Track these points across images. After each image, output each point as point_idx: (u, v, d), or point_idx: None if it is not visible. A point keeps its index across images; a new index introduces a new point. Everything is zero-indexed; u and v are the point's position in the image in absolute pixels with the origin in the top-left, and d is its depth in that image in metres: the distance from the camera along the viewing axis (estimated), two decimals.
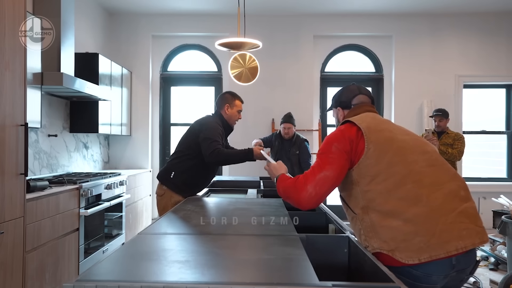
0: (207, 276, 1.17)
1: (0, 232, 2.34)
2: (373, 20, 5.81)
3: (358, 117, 1.62)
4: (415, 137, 1.62)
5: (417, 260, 1.34)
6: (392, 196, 1.42)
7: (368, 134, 1.51)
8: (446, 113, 4.59)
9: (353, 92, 1.77)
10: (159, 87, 5.98)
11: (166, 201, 2.98)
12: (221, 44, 3.88)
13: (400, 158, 1.47)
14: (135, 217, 5.10)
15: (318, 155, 1.60)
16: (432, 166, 1.49)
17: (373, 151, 1.48)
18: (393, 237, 1.38)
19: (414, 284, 1.37)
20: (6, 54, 2.41)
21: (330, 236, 1.73)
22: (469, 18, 5.76)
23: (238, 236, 1.68)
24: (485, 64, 5.81)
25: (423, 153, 1.52)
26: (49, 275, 3.03)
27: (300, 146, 4.81)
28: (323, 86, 5.99)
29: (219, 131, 2.91)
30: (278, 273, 1.21)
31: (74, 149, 4.72)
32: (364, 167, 1.48)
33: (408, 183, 1.42)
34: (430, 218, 1.38)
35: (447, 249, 1.35)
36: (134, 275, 1.18)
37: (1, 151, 2.36)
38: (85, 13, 5.07)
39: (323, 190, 1.52)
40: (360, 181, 1.49)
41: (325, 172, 1.51)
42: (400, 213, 1.39)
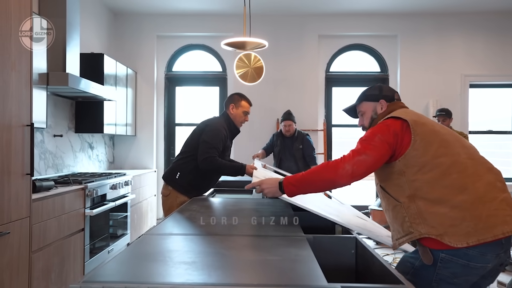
0: (213, 277, 1.16)
1: (6, 232, 2.34)
2: (378, 20, 5.78)
3: (401, 111, 1.70)
4: (453, 133, 1.70)
5: (465, 243, 1.42)
6: (438, 184, 1.50)
7: (415, 127, 1.58)
8: (449, 113, 4.56)
9: (391, 90, 1.87)
10: (164, 87, 5.99)
11: (172, 202, 2.98)
12: (227, 43, 3.87)
13: (445, 149, 1.55)
14: (140, 217, 5.10)
15: (360, 141, 1.65)
16: (472, 159, 1.58)
17: (420, 143, 1.56)
18: (441, 223, 1.46)
19: (469, 264, 1.44)
20: (12, 55, 2.41)
21: (337, 237, 1.72)
22: (474, 17, 5.72)
23: (244, 236, 1.67)
24: (492, 64, 5.77)
25: (463, 147, 1.61)
26: (54, 275, 3.04)
27: (303, 140, 4.79)
28: (328, 86, 5.97)
29: (221, 135, 2.89)
30: (286, 274, 1.20)
31: (79, 149, 4.73)
32: (411, 158, 1.55)
33: (454, 173, 1.51)
34: (475, 204, 1.46)
35: (494, 233, 1.43)
36: (141, 276, 1.17)
37: (7, 151, 2.37)
38: (90, 13, 5.08)
39: (360, 170, 1.58)
40: (406, 171, 1.56)
41: (364, 155, 1.58)
42: (446, 200, 1.47)
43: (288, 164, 4.77)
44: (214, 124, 2.94)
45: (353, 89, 6.11)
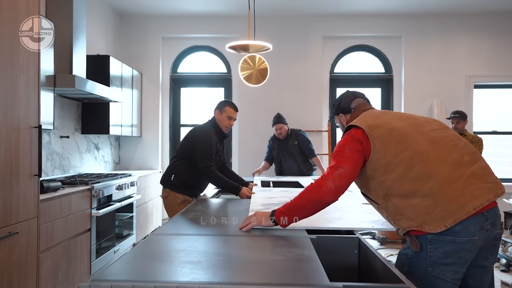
0: (219, 276, 1.19)
1: (15, 232, 2.38)
2: (383, 21, 5.79)
3: (358, 119, 1.79)
4: (412, 121, 1.74)
5: (444, 227, 1.48)
6: (405, 179, 1.57)
7: (370, 132, 1.66)
8: (463, 115, 4.50)
9: (349, 97, 1.97)
10: (169, 89, 6.03)
11: (172, 202, 3.12)
12: (231, 46, 3.91)
13: (403, 145, 1.61)
14: (146, 217, 5.14)
15: (332, 157, 1.74)
16: (432, 144, 1.62)
17: (379, 146, 1.63)
18: (417, 214, 1.53)
19: (455, 240, 1.48)
20: (20, 57, 2.46)
21: (340, 237, 1.74)
22: (479, 17, 5.71)
23: (248, 237, 1.70)
24: (496, 64, 5.76)
25: (421, 134, 1.66)
26: (62, 274, 3.08)
27: (297, 135, 4.81)
28: (332, 87, 5.98)
29: (212, 141, 3.09)
30: (289, 273, 1.23)
31: (85, 150, 4.78)
32: (375, 161, 1.63)
33: (416, 164, 1.56)
34: (443, 188, 1.51)
35: (466, 210, 1.48)
36: (148, 275, 1.20)
37: (16, 152, 2.41)
38: (96, 15, 5.13)
39: (341, 183, 1.65)
40: (375, 175, 1.65)
41: (341, 169, 1.65)
42: (416, 191, 1.54)
43: (288, 164, 4.80)
44: (203, 133, 3.14)
45: (358, 90, 6.09)
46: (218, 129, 3.22)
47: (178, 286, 1.07)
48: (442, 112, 5.63)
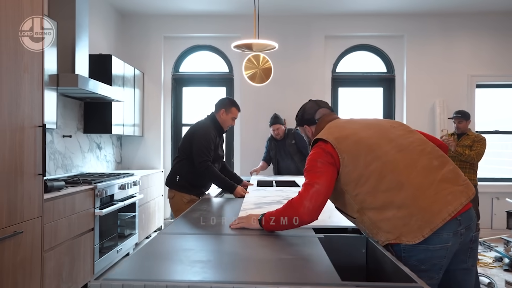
0: (229, 275, 1.18)
1: (20, 231, 2.38)
2: (385, 20, 5.79)
3: (324, 131, 1.73)
4: (378, 128, 1.71)
5: (421, 237, 1.46)
6: (377, 191, 1.54)
7: (338, 145, 1.62)
8: (465, 115, 4.48)
9: (313, 108, 1.92)
10: (171, 88, 6.02)
11: (178, 202, 3.12)
12: (237, 45, 3.91)
13: (372, 155, 1.58)
14: (148, 217, 5.14)
15: (305, 173, 1.69)
16: (401, 151, 1.59)
17: (348, 159, 1.59)
18: (394, 226, 1.50)
19: (428, 247, 1.48)
20: (24, 57, 2.45)
21: (348, 236, 1.74)
22: (481, 17, 5.71)
23: (256, 236, 1.69)
24: (498, 64, 5.75)
25: (389, 142, 1.63)
26: (65, 274, 3.07)
27: (295, 135, 4.84)
28: (334, 86, 5.97)
29: (211, 137, 3.09)
30: (300, 273, 1.22)
31: (87, 149, 4.77)
32: (345, 175, 1.60)
33: (387, 175, 1.54)
34: (416, 197, 1.49)
35: (442, 217, 1.46)
36: (158, 274, 1.19)
37: (20, 151, 2.40)
38: (98, 14, 5.12)
39: (318, 202, 1.60)
40: (347, 189, 1.61)
41: (316, 186, 1.60)
42: (390, 203, 1.51)
43: (285, 163, 4.84)
44: (203, 129, 3.14)
45: (359, 90, 6.11)
46: (217, 125, 3.23)
47: (190, 285, 1.06)
48: (444, 112, 5.63)
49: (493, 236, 5.22)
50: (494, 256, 4.48)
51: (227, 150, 6.06)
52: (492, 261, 4.38)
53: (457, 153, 4.22)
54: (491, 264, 4.32)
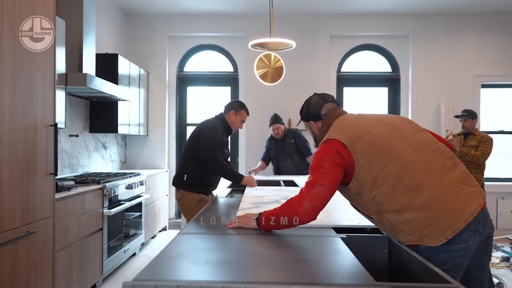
0: (262, 275, 1.17)
1: (33, 231, 2.36)
2: (390, 20, 5.78)
3: (335, 130, 1.67)
4: (390, 125, 1.66)
5: (444, 239, 1.44)
6: (396, 193, 1.49)
7: (352, 146, 1.56)
8: (472, 114, 4.46)
9: (318, 103, 1.84)
10: (175, 87, 6.00)
11: (188, 203, 3.10)
12: (254, 44, 3.93)
13: (388, 156, 1.53)
14: (153, 217, 5.12)
15: (310, 170, 1.64)
16: (416, 150, 1.55)
17: (363, 160, 1.54)
18: (415, 228, 1.47)
19: (449, 248, 1.45)
20: (37, 55, 2.44)
21: (370, 236, 1.72)
22: (485, 17, 5.71)
23: (277, 236, 1.67)
24: (503, 64, 5.75)
25: (403, 141, 1.58)
26: (76, 274, 3.06)
27: (294, 134, 4.86)
28: (339, 86, 5.96)
29: (220, 132, 3.11)
30: (332, 273, 1.21)
31: (93, 149, 4.75)
32: (361, 177, 1.55)
33: (405, 176, 1.49)
34: (436, 198, 1.46)
35: (464, 218, 1.45)
36: (188, 275, 1.18)
37: (33, 151, 2.39)
38: (103, 14, 5.10)
39: (318, 203, 1.56)
40: (363, 191, 1.56)
41: (318, 187, 1.55)
42: (409, 205, 1.47)
43: (285, 163, 4.85)
44: (211, 124, 3.16)
45: (364, 89, 6.11)
46: (226, 125, 3.24)
47: (224, 286, 1.05)
48: (450, 112, 5.63)
49: (499, 236, 5.21)
50: (500, 256, 4.47)
51: (232, 150, 6.04)
52: (499, 261, 4.38)
53: (462, 153, 4.21)
54: (498, 264, 4.31)
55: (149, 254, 4.56)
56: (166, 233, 5.64)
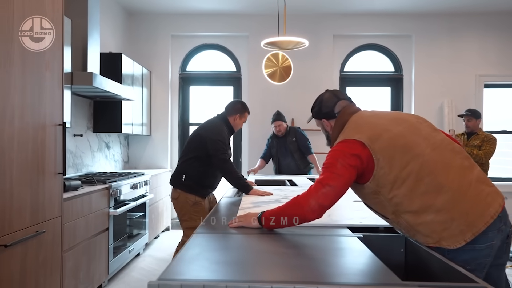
0: (289, 275, 1.16)
1: (42, 231, 2.35)
2: (393, 20, 5.78)
3: (352, 129, 1.63)
4: (408, 123, 1.62)
5: (463, 241, 1.42)
6: (415, 194, 1.47)
7: (372, 145, 1.52)
8: (475, 113, 4.46)
9: (331, 100, 1.79)
10: (178, 87, 5.99)
11: (183, 204, 3.07)
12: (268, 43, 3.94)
13: (408, 156, 1.50)
14: (157, 216, 5.11)
15: (323, 168, 1.61)
16: (434, 150, 1.52)
17: (383, 160, 1.50)
18: (433, 230, 1.45)
19: (475, 247, 1.44)
20: (46, 54, 2.42)
21: (386, 235, 1.72)
22: (488, 17, 5.72)
23: (291, 236, 1.66)
24: (505, 64, 5.77)
25: (423, 140, 1.55)
26: (83, 274, 3.04)
27: (295, 133, 4.88)
28: (342, 85, 5.96)
29: (225, 133, 3.10)
30: (356, 272, 1.20)
31: (97, 149, 4.73)
32: (380, 177, 1.51)
33: (425, 177, 1.46)
34: (457, 199, 1.44)
35: (484, 220, 1.43)
36: (213, 274, 1.17)
37: (42, 150, 2.37)
38: (105, 13, 5.07)
39: (325, 203, 1.55)
40: (381, 191, 1.53)
41: (327, 187, 1.53)
42: (429, 206, 1.45)
43: (286, 161, 4.86)
44: (217, 125, 3.14)
45: (367, 89, 6.11)
46: (228, 126, 3.23)
47: (250, 286, 1.04)
48: (453, 111, 5.63)
49: None
50: None
51: (235, 150, 6.04)
52: None
53: None
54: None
55: (154, 255, 4.55)
56: (169, 233, 5.62)
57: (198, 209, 3.05)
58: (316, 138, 5.47)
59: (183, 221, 3.10)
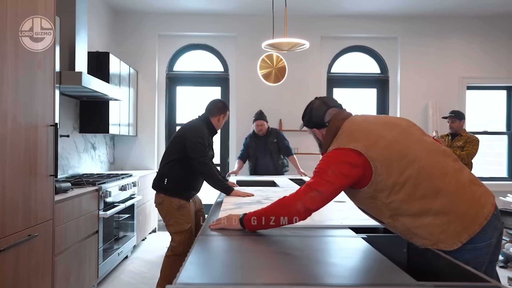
0: (308, 278, 1.16)
1: (35, 235, 2.28)
2: (379, 22, 5.86)
3: (346, 136, 1.62)
4: (400, 128, 1.63)
5: (459, 243, 1.45)
6: (413, 198, 1.49)
7: (369, 153, 1.52)
8: (459, 115, 4.55)
9: (321, 109, 1.77)
10: (165, 87, 5.93)
11: (168, 208, 3.02)
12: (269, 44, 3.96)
13: (405, 162, 1.51)
14: (144, 218, 5.04)
15: (314, 172, 1.61)
16: (429, 154, 1.55)
17: (381, 167, 1.51)
18: (431, 233, 1.48)
19: (475, 247, 1.47)
20: (39, 53, 2.36)
21: (389, 236, 1.73)
22: (471, 20, 5.86)
23: (296, 237, 1.66)
24: (487, 66, 5.92)
25: (417, 144, 1.57)
26: (73, 278, 2.97)
27: (277, 134, 4.93)
28: (329, 86, 6.01)
29: (205, 134, 3.04)
30: (368, 274, 1.21)
31: (83, 149, 4.63)
32: (378, 183, 1.52)
33: (423, 181, 1.49)
34: (454, 203, 1.47)
35: (479, 222, 1.47)
36: (227, 277, 1.16)
37: (34, 151, 2.31)
38: (91, 11, 4.97)
39: (312, 206, 1.56)
40: (378, 196, 1.54)
41: (316, 192, 1.54)
42: (427, 210, 1.48)
43: (264, 161, 4.88)
44: (196, 128, 3.07)
45: (354, 90, 6.17)
46: (210, 126, 3.17)
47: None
48: (437, 113, 5.75)
49: None
50: None
51: (223, 152, 6.01)
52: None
53: None
54: None
55: (142, 257, 4.48)
56: (156, 235, 5.55)
57: (184, 212, 3.00)
58: (301, 139, 5.52)
59: (169, 225, 3.03)
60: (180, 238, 2.97)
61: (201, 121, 3.18)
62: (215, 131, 3.24)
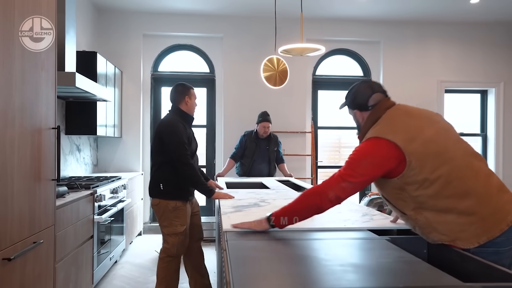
0: (352, 281, 1.18)
1: (40, 241, 2.21)
2: (363, 26, 5.99)
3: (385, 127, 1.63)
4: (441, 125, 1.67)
5: (477, 243, 1.50)
6: (441, 195, 1.53)
7: (406, 148, 1.54)
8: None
9: (366, 92, 1.77)
10: (150, 88, 5.83)
11: (163, 209, 2.98)
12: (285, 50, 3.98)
13: (439, 160, 1.54)
14: (132, 221, 4.94)
15: (347, 162, 1.64)
16: (464, 155, 1.59)
17: (415, 163, 1.54)
18: (451, 230, 1.53)
19: (498, 250, 1.51)
20: (42, 53, 2.28)
21: (410, 238, 1.78)
22: (450, 27, 6.08)
23: (317, 241, 1.68)
24: (463, 71, 6.16)
25: (454, 144, 1.62)
26: (72, 285, 2.89)
27: (277, 142, 4.91)
28: (314, 89, 6.09)
29: (179, 129, 2.95)
30: (413, 277, 1.24)
31: (69, 152, 4.50)
32: (409, 177, 1.55)
33: (454, 181, 1.52)
34: (481, 205, 1.51)
35: (500, 227, 1.50)
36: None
37: (38, 155, 2.23)
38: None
39: (344, 195, 1.62)
40: (407, 188, 1.57)
41: (347, 183, 1.59)
42: (453, 208, 1.52)
43: (261, 166, 4.79)
44: (170, 124, 2.99)
45: (338, 93, 6.28)
46: (184, 115, 3.09)
47: None
48: None
49: None
50: None
51: (209, 153, 5.98)
52: None
53: None
54: None
55: (132, 261, 4.39)
56: (142, 238, 5.46)
57: (179, 214, 2.96)
58: (287, 140, 5.58)
59: (163, 226, 3.00)
60: (174, 240, 2.93)
61: (172, 114, 3.10)
62: (191, 117, 3.14)
